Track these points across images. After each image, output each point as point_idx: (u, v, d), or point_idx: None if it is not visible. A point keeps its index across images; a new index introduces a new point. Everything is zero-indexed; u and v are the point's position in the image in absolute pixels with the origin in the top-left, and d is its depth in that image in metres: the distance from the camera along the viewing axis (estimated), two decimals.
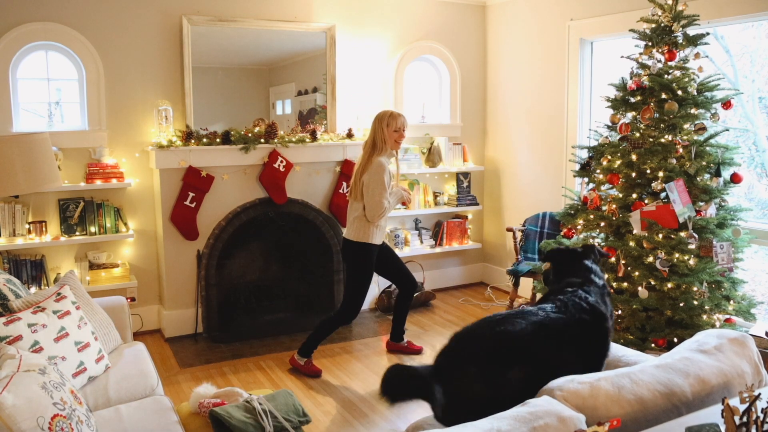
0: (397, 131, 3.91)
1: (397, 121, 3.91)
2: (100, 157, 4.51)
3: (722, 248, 3.47)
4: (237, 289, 5.11)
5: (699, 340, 2.13)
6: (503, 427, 1.57)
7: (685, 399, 1.84)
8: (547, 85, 5.30)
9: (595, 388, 1.78)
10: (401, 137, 3.95)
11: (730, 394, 1.94)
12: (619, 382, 1.82)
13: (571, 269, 2.51)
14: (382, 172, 3.83)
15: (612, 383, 1.81)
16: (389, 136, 3.90)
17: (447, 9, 5.75)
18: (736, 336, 2.12)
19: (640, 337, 3.58)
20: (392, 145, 3.93)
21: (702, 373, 1.92)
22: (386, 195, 3.86)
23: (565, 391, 1.76)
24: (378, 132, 3.91)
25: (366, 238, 3.94)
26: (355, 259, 4.00)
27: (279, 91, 5.21)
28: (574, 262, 2.54)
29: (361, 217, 3.93)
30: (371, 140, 3.94)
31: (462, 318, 5.19)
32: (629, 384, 1.82)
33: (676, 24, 3.60)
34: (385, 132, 3.90)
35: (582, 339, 2.22)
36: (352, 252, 4.00)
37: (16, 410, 1.72)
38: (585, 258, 2.56)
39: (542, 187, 5.44)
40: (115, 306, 3.27)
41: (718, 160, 3.53)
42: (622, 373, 1.88)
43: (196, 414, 2.71)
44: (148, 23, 4.61)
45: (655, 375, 1.88)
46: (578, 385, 1.79)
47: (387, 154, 3.95)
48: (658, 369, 1.92)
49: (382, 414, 3.57)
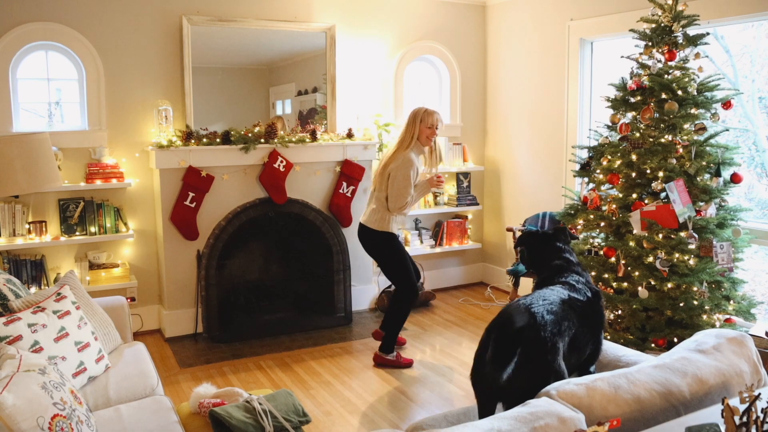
0: (430, 128, 4.05)
1: (432, 118, 4.06)
2: (100, 157, 4.52)
3: (722, 248, 3.47)
4: (237, 289, 5.11)
5: (697, 340, 2.13)
6: (504, 427, 1.57)
7: (683, 399, 1.83)
8: (547, 85, 5.30)
9: (592, 389, 1.78)
10: (433, 134, 4.08)
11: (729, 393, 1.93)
12: (616, 383, 1.82)
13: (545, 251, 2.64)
14: (409, 167, 3.99)
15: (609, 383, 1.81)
16: (422, 132, 4.05)
17: (447, 9, 5.75)
18: (734, 335, 2.12)
19: (640, 337, 3.58)
20: (424, 141, 4.07)
21: (700, 372, 1.92)
22: (411, 189, 4.01)
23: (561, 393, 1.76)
24: (411, 126, 4.07)
25: (387, 227, 4.10)
26: (383, 250, 4.19)
27: (279, 91, 5.21)
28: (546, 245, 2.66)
29: (380, 208, 4.09)
30: (402, 135, 4.11)
31: (462, 318, 5.20)
32: (626, 384, 1.82)
33: (676, 24, 3.60)
34: (419, 127, 4.04)
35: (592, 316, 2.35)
36: (377, 242, 4.16)
37: (16, 410, 1.72)
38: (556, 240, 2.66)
39: (542, 187, 5.44)
40: (115, 306, 3.27)
41: (718, 160, 3.53)
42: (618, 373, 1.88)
43: (196, 414, 2.70)
44: (148, 23, 4.61)
45: (653, 375, 1.88)
46: (574, 386, 1.79)
47: (416, 150, 4.09)
48: (655, 369, 1.92)
49: (382, 414, 3.57)
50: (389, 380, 4.01)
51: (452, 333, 4.86)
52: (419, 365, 4.24)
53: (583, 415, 1.68)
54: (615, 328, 3.70)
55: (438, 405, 3.65)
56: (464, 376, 4.06)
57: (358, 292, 5.28)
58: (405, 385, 3.94)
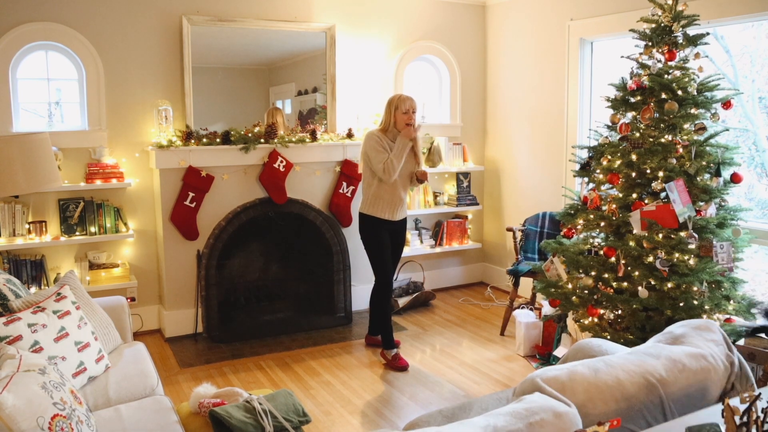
0: (405, 113, 4.10)
1: (405, 104, 4.11)
2: (100, 157, 4.52)
3: (722, 248, 3.47)
4: (237, 289, 5.11)
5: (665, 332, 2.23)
6: (499, 423, 1.58)
7: (660, 376, 1.90)
8: (547, 85, 5.30)
9: (573, 373, 1.85)
10: (410, 119, 4.12)
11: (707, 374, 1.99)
12: (595, 366, 1.90)
13: None
14: (368, 140, 4.14)
15: (588, 367, 1.89)
16: (398, 119, 4.12)
17: (447, 9, 5.75)
18: (699, 323, 2.23)
19: (640, 337, 3.58)
20: (402, 127, 4.11)
21: (673, 355, 2.00)
22: (383, 155, 4.08)
23: (545, 378, 1.83)
24: (387, 114, 4.18)
25: (363, 209, 4.25)
26: (361, 234, 4.33)
27: (279, 91, 5.21)
28: None
29: (364, 190, 4.26)
30: (381, 123, 4.22)
31: (462, 318, 5.20)
32: (604, 367, 1.90)
33: (676, 24, 3.59)
34: (394, 115, 4.13)
35: None
36: (359, 225, 4.34)
37: (16, 410, 1.72)
38: None
39: (542, 187, 5.44)
40: (115, 306, 3.27)
41: (718, 160, 3.52)
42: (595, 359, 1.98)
43: (196, 414, 2.71)
44: (148, 23, 4.61)
45: (628, 358, 1.98)
46: (556, 371, 1.86)
47: (392, 136, 4.16)
48: (630, 354, 2.02)
49: (382, 413, 3.57)
50: (389, 380, 4.01)
51: (452, 333, 4.86)
52: (419, 365, 4.24)
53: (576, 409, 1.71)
54: (615, 328, 3.70)
55: (438, 405, 3.65)
56: (464, 376, 4.06)
57: (358, 292, 5.28)
58: (405, 385, 3.94)
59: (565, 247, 3.95)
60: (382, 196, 4.17)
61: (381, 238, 4.22)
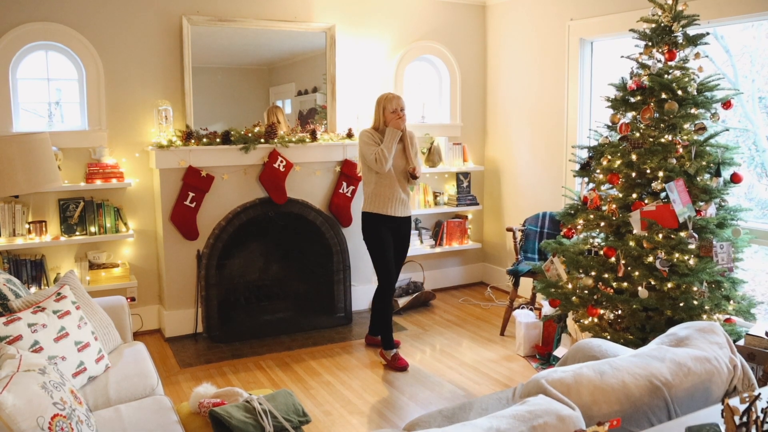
0: (394, 112, 4.14)
1: (392, 103, 4.16)
2: (100, 157, 4.52)
3: (722, 248, 3.47)
4: (237, 289, 5.11)
5: (669, 333, 2.22)
6: (502, 425, 1.57)
7: (665, 379, 1.90)
8: (547, 85, 5.30)
9: (579, 375, 1.85)
10: (399, 117, 4.15)
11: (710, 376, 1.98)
12: (600, 368, 1.90)
13: None
14: (362, 137, 4.19)
15: (594, 370, 1.89)
16: (388, 118, 4.16)
17: (447, 9, 5.75)
18: (703, 325, 2.21)
19: (640, 337, 3.58)
20: (394, 125, 4.14)
21: (677, 357, 2.00)
22: (372, 147, 4.12)
23: (550, 380, 1.82)
24: (376, 114, 4.22)
25: (365, 207, 4.28)
26: (363, 233, 4.34)
27: (279, 91, 5.21)
28: None
29: (365, 190, 4.28)
30: (373, 124, 4.26)
31: (462, 318, 5.20)
32: (610, 370, 1.89)
33: (676, 24, 3.59)
34: (383, 113, 4.17)
35: None
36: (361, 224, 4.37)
37: (16, 410, 1.72)
38: None
39: (542, 187, 5.44)
40: (115, 306, 3.27)
41: (718, 160, 3.52)
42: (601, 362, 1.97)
43: (196, 414, 2.71)
44: (148, 23, 4.61)
45: (633, 361, 1.97)
46: (562, 374, 1.85)
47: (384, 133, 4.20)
48: (634, 357, 2.02)
49: (382, 413, 3.57)
50: (389, 380, 4.01)
51: (452, 333, 4.86)
52: (419, 365, 4.24)
53: (580, 411, 1.70)
54: (615, 328, 3.70)
55: (438, 405, 3.65)
56: (464, 376, 4.06)
57: (358, 292, 5.28)
58: (405, 385, 3.94)
59: (565, 247, 3.95)
60: (381, 192, 4.19)
61: (382, 236, 4.22)
